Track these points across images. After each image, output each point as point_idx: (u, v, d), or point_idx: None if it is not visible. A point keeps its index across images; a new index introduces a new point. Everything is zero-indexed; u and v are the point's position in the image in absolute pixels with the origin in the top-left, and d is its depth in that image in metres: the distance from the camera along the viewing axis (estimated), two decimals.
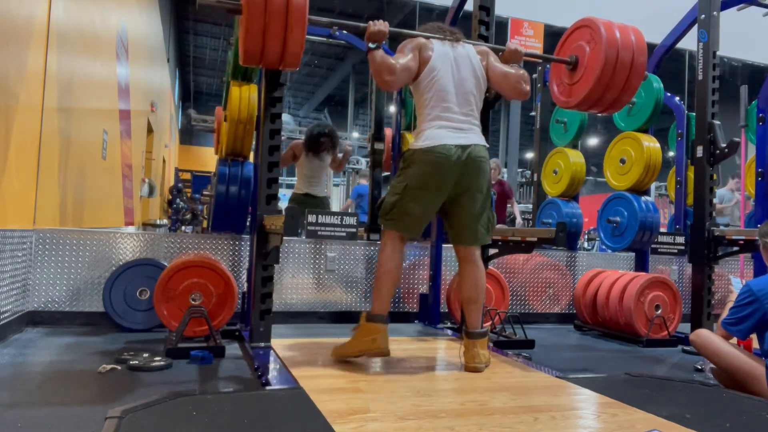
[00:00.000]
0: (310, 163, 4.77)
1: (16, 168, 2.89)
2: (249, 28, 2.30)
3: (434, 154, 2.46)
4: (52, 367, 2.46)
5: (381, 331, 2.48)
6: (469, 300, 2.60)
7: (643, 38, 2.84)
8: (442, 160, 2.45)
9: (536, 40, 8.04)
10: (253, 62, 2.46)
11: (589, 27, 2.88)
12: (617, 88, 2.81)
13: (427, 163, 2.47)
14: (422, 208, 2.52)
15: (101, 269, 3.47)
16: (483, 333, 2.55)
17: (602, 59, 2.73)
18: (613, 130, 4.77)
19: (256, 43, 2.34)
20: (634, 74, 2.79)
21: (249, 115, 3.57)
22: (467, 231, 2.58)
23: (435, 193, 2.50)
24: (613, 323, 3.86)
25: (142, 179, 8.50)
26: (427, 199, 2.51)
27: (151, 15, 8.76)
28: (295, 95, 20.32)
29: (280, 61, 2.44)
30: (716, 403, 2.16)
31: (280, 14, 2.29)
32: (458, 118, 2.53)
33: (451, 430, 1.69)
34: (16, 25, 2.82)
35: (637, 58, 2.77)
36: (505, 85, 2.65)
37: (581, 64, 2.89)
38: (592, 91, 2.81)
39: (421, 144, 2.50)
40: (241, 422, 1.69)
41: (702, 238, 3.67)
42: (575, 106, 2.98)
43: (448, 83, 2.54)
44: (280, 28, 2.32)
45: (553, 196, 5.19)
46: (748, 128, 5.32)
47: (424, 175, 2.48)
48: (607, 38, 2.74)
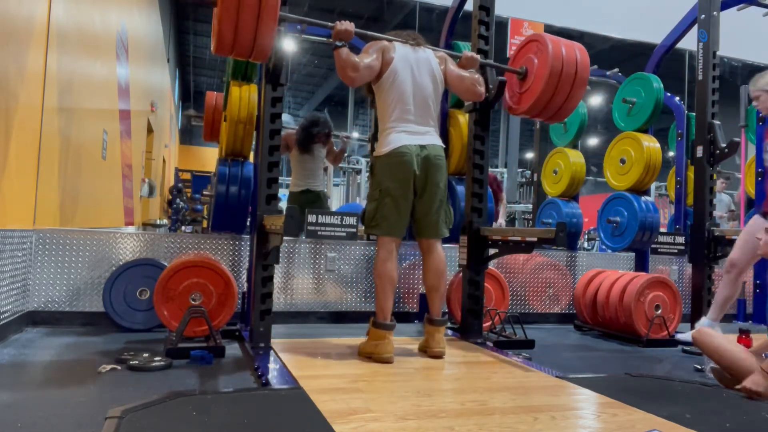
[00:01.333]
0: (302, 156, 4.62)
1: (16, 168, 2.89)
2: (222, 19, 2.34)
3: (398, 155, 2.68)
4: (52, 367, 2.46)
5: (384, 337, 2.61)
6: (432, 288, 2.83)
7: (587, 56, 3.09)
8: (406, 158, 2.68)
9: None
10: (224, 52, 2.49)
11: (538, 41, 3.13)
12: (561, 97, 3.05)
13: (393, 165, 2.69)
14: (400, 208, 2.70)
15: (101, 269, 3.48)
16: (444, 321, 2.80)
17: (548, 70, 2.97)
18: (613, 130, 4.77)
19: (228, 34, 2.38)
20: (577, 86, 3.04)
21: (249, 115, 3.57)
22: (429, 225, 2.80)
23: (406, 190, 2.70)
24: (613, 323, 3.86)
25: (142, 179, 8.51)
26: (400, 197, 2.70)
27: (151, 15, 8.77)
28: (295, 95, 20.33)
29: (250, 53, 2.49)
30: (716, 403, 2.16)
31: (252, 8, 2.34)
32: (416, 123, 2.75)
33: (451, 430, 1.69)
34: (16, 25, 2.82)
35: (580, 72, 3.03)
36: (461, 87, 2.90)
37: (530, 74, 3.14)
38: (538, 99, 3.05)
39: (385, 149, 2.72)
40: (241, 422, 1.69)
41: (702, 238, 3.67)
42: (524, 113, 3.21)
43: (407, 87, 2.73)
44: (251, 21, 2.36)
45: (553, 196, 5.19)
46: (748, 128, 5.32)
47: (393, 176, 2.69)
48: (553, 52, 2.98)
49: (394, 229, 2.71)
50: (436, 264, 2.82)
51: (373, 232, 2.75)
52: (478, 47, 3.44)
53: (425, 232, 2.82)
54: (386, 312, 2.67)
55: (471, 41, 3.57)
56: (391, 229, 2.71)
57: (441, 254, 2.84)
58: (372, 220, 2.73)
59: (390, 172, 2.70)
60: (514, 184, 11.20)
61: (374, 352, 2.60)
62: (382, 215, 2.70)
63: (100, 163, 5.05)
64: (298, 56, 15.07)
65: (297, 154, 4.64)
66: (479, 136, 3.41)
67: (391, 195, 2.69)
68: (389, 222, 2.70)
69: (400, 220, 2.72)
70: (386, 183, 2.69)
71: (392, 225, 2.70)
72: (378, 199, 2.71)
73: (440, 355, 2.74)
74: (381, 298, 2.68)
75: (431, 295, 2.84)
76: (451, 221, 2.90)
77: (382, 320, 2.65)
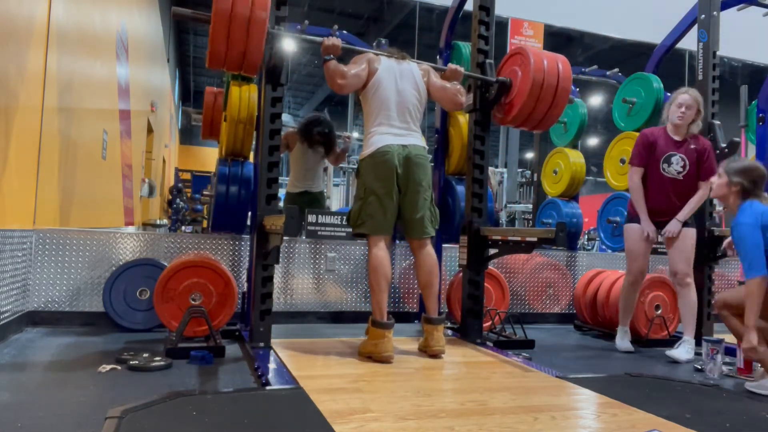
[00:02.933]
0: (304, 155, 4.48)
1: (16, 168, 2.89)
2: (214, 36, 2.49)
3: (380, 154, 2.76)
4: (52, 367, 2.46)
5: (383, 336, 2.63)
6: (425, 285, 2.88)
7: (569, 68, 3.20)
8: (389, 156, 2.75)
9: (536, 40, 8.03)
10: (217, 65, 2.61)
11: (521, 54, 3.23)
12: (544, 107, 3.16)
13: (376, 164, 2.76)
14: (384, 205, 2.76)
15: (101, 269, 3.48)
16: (441, 319, 2.84)
17: (530, 82, 3.09)
18: (613, 130, 4.77)
19: (220, 48, 2.52)
20: (559, 96, 3.15)
21: (249, 115, 3.58)
22: (415, 224, 2.85)
23: (390, 188, 2.76)
24: (613, 323, 3.86)
25: (142, 179, 8.50)
26: (385, 195, 2.75)
27: (151, 15, 8.76)
28: (295, 95, 20.32)
29: (241, 66, 2.61)
30: (716, 403, 2.16)
31: (242, 26, 2.48)
32: (398, 126, 2.84)
33: (451, 430, 1.69)
34: (16, 25, 2.82)
35: (561, 83, 3.13)
36: (444, 98, 3.04)
37: (514, 86, 3.24)
38: (522, 109, 3.16)
39: (368, 151, 2.80)
40: (241, 422, 1.69)
41: (702, 238, 3.67)
42: (509, 123, 3.30)
43: (390, 95, 2.84)
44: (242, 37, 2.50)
45: (553, 196, 5.20)
46: (748, 128, 5.33)
47: (377, 175, 2.76)
48: (535, 64, 3.10)
49: (380, 226, 2.76)
50: (427, 262, 2.87)
51: (359, 230, 2.80)
52: (478, 47, 3.45)
53: (411, 231, 2.88)
54: (383, 309, 2.70)
55: (471, 41, 3.57)
56: (376, 227, 2.76)
57: (430, 252, 2.89)
58: (357, 219, 2.80)
59: (374, 171, 2.77)
60: (514, 184, 11.18)
61: (374, 351, 2.62)
62: (367, 213, 2.76)
63: (100, 163, 5.05)
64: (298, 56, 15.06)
65: (297, 154, 4.53)
66: (479, 136, 3.41)
67: (375, 193, 2.75)
68: (375, 219, 2.75)
69: (385, 218, 2.77)
70: (370, 183, 2.77)
71: (378, 223, 2.76)
72: (363, 198, 2.79)
73: (440, 353, 2.75)
74: (376, 294, 2.72)
75: (425, 293, 2.89)
76: (436, 220, 2.94)
77: (380, 318, 2.67)
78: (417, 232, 2.86)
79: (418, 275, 2.92)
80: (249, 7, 2.48)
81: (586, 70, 6.35)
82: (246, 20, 2.47)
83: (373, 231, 2.77)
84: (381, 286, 2.72)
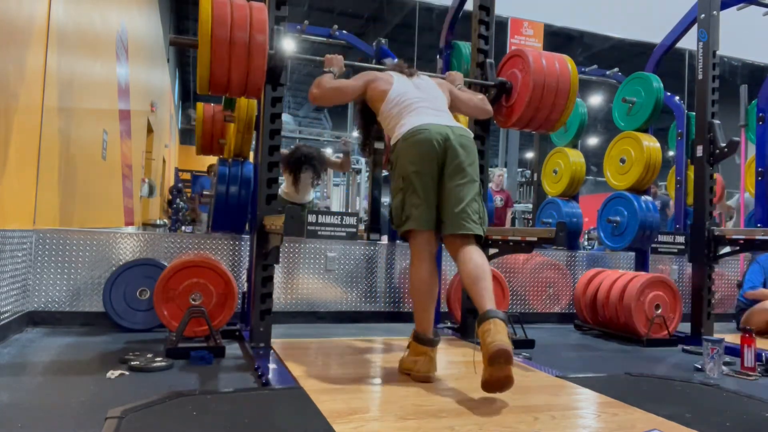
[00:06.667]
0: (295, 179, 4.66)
1: (16, 168, 2.89)
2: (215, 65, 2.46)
3: (417, 133, 2.34)
4: (52, 367, 2.46)
5: (424, 353, 2.29)
6: (468, 289, 2.22)
7: (568, 67, 3.14)
8: (425, 134, 2.32)
9: (536, 40, 8.03)
10: (218, 93, 2.61)
11: (520, 56, 3.21)
12: (546, 109, 3.13)
13: (409, 146, 2.33)
14: (426, 192, 2.32)
15: (101, 269, 3.48)
16: (499, 313, 2.08)
17: (530, 84, 3.06)
18: (613, 130, 4.77)
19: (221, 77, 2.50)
20: (559, 97, 3.12)
21: (249, 116, 3.58)
22: (453, 216, 2.31)
23: (429, 170, 2.31)
24: (613, 323, 3.86)
25: (142, 179, 8.50)
26: (426, 180, 2.31)
27: (151, 15, 8.76)
28: (295, 95, 20.31)
29: (244, 92, 2.60)
30: (716, 403, 2.16)
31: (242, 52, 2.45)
32: (432, 112, 2.46)
33: (451, 430, 1.69)
34: (16, 25, 2.82)
35: (561, 84, 3.10)
36: (473, 107, 2.90)
37: (515, 89, 3.22)
38: (524, 112, 3.13)
39: (402, 132, 2.39)
40: (241, 422, 1.69)
41: (702, 238, 3.67)
42: (512, 126, 3.27)
43: (412, 96, 2.52)
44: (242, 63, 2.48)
45: (553, 195, 5.19)
46: (748, 128, 5.32)
47: (413, 157, 2.32)
48: (534, 66, 3.07)
49: (423, 219, 2.31)
50: (468, 269, 2.23)
51: (407, 226, 2.33)
52: (478, 47, 3.44)
53: (448, 225, 2.32)
54: (424, 324, 2.32)
55: (471, 41, 3.57)
56: (421, 221, 2.31)
57: (473, 255, 2.26)
58: (402, 214, 2.35)
59: (409, 153, 2.33)
60: (514, 184, 11.18)
61: (412, 369, 2.30)
62: (412, 203, 2.31)
63: (100, 163, 5.05)
64: None
65: (285, 174, 4.71)
66: (479, 136, 3.41)
67: (414, 180, 2.30)
68: (420, 211, 2.30)
69: (429, 209, 2.32)
70: (407, 167, 2.32)
71: (422, 214, 2.31)
72: (402, 188, 2.34)
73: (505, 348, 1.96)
74: (418, 312, 2.34)
75: (471, 295, 2.21)
76: (485, 220, 2.41)
77: (422, 333, 2.32)
78: (453, 226, 2.31)
79: (462, 282, 2.32)
80: (247, 32, 2.42)
81: (586, 69, 6.35)
82: (246, 46, 2.43)
83: (420, 225, 2.31)
84: (422, 301, 2.33)
